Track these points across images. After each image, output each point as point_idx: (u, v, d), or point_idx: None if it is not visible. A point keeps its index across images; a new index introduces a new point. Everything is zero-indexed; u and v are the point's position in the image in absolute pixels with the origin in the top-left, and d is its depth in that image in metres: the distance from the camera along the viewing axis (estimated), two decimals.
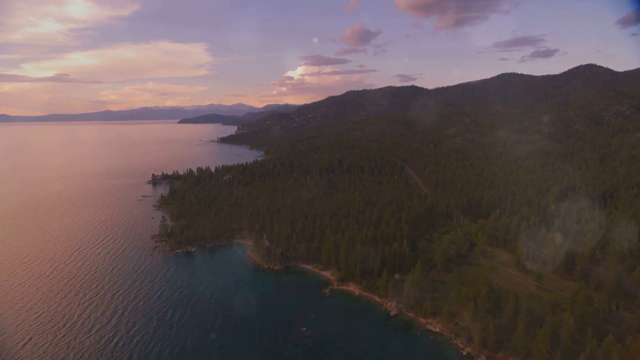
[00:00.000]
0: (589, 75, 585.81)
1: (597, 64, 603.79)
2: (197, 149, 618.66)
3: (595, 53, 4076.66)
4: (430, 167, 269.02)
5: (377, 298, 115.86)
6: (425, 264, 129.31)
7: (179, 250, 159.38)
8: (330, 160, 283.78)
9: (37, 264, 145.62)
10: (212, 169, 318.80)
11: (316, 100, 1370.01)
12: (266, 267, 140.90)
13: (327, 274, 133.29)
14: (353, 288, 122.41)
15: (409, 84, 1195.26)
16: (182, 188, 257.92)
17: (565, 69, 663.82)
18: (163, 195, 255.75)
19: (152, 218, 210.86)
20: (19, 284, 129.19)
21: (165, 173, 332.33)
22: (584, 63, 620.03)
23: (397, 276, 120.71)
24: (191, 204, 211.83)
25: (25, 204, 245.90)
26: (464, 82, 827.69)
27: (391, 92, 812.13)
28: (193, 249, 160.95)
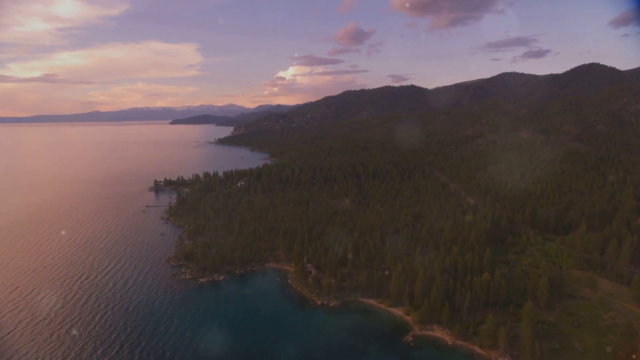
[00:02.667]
0: (594, 75, 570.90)
1: (601, 63, 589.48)
2: (195, 151, 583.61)
3: (586, 54, 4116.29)
4: (463, 171, 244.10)
5: (478, 349, 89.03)
6: (519, 298, 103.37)
7: (203, 279, 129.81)
8: (353, 165, 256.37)
9: (33, 301, 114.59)
10: (220, 174, 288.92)
11: (308, 100, 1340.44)
12: (319, 302, 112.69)
13: (399, 312, 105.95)
14: (441, 334, 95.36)
15: (401, 84, 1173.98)
16: (192, 197, 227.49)
17: (558, 70, 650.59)
18: (171, 205, 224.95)
19: (163, 234, 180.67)
20: (8, 333, 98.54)
21: (168, 179, 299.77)
22: (576, 63, 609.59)
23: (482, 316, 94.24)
24: (208, 217, 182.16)
25: (13, 217, 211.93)
26: (460, 82, 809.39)
27: (391, 92, 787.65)
28: (220, 278, 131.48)
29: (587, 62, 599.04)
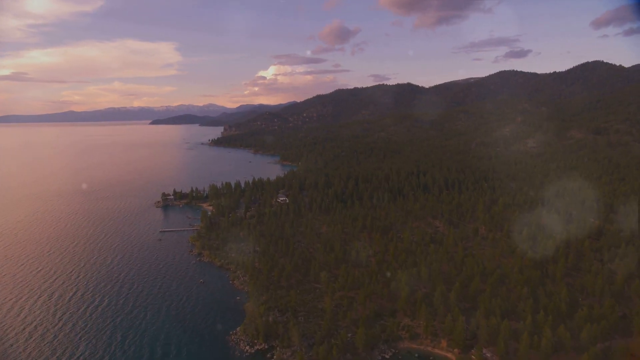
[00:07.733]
0: (600, 72, 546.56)
1: (605, 61, 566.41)
2: (190, 154, 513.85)
3: (565, 54, 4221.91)
4: (541, 180, 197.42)
5: None
6: None
7: None
8: (414, 173, 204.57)
9: None
10: (242, 184, 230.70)
11: (290, 100, 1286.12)
12: None
13: None
14: None
15: (397, 82, 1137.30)
16: (224, 219, 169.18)
17: (538, 70, 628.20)
18: (196, 230, 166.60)
19: (202, 281, 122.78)
20: None
21: (179, 191, 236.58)
22: (558, 63, 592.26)
23: None
24: (271, 256, 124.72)
25: None
26: (447, 81, 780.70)
27: (388, 90, 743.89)
28: None
29: (598, 60, 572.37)
